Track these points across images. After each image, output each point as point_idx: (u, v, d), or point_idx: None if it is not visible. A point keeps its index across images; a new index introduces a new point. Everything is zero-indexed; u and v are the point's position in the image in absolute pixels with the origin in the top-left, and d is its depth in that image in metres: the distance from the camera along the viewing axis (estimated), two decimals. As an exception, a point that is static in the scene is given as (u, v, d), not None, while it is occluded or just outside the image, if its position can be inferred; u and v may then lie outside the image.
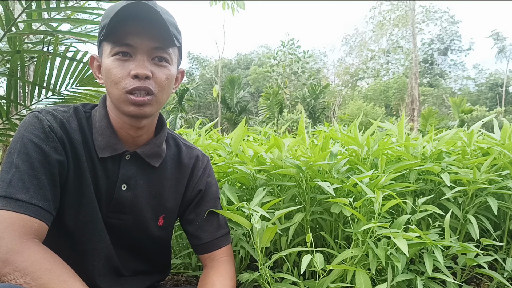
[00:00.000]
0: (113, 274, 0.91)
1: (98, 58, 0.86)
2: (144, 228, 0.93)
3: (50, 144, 0.78)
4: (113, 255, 0.89)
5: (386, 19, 29.73)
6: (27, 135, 0.77)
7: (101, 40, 0.81)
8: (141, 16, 0.77)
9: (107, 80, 0.81)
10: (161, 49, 0.81)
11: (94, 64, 0.88)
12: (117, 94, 0.80)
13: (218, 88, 17.55)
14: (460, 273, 1.20)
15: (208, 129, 1.92)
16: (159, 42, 0.80)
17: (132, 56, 0.79)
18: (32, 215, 0.72)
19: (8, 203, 0.71)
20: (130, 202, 0.89)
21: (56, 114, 0.82)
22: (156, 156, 0.92)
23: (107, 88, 0.82)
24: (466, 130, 1.75)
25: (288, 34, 21.09)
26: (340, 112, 24.86)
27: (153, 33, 0.79)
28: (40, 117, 0.80)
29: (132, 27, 0.78)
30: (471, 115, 15.84)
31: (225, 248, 0.98)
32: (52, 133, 0.79)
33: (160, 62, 0.82)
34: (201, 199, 0.99)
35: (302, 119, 1.36)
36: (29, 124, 0.79)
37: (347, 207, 1.01)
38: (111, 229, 0.88)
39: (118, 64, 0.79)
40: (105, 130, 0.85)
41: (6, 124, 1.93)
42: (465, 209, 1.22)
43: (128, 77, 0.78)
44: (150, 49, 0.79)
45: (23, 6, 1.57)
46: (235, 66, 39.23)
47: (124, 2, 0.76)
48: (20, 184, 0.73)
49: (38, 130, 0.78)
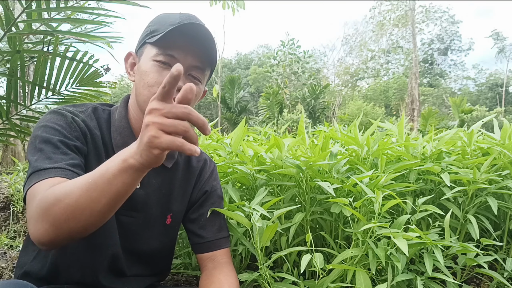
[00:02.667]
0: (116, 273, 0.91)
1: (136, 57, 0.89)
2: (153, 226, 0.94)
3: (73, 134, 0.80)
4: (119, 255, 0.90)
5: (386, 19, 29.74)
6: (49, 124, 0.79)
7: (145, 42, 0.84)
8: (193, 35, 0.82)
9: (141, 81, 0.83)
10: (199, 69, 0.85)
11: (129, 61, 0.90)
12: (147, 96, 0.82)
13: (218, 88, 17.54)
14: (460, 273, 1.20)
15: (208, 129, 1.92)
16: (200, 62, 0.85)
17: (171, 66, 0.82)
18: (61, 175, 0.72)
19: (38, 175, 0.71)
20: (142, 200, 0.91)
21: (76, 112, 0.85)
22: (169, 157, 0.94)
23: (138, 88, 0.84)
24: (466, 130, 1.75)
25: (288, 34, 21.04)
26: (340, 112, 24.86)
27: (198, 52, 0.84)
28: (62, 112, 0.82)
29: (181, 42, 0.82)
30: (471, 115, 15.83)
31: (226, 250, 0.99)
32: (75, 124, 0.81)
33: (194, 79, 0.86)
34: (205, 200, 1.01)
35: (302, 119, 1.36)
36: (51, 117, 0.81)
37: (347, 207, 1.01)
38: (121, 228, 0.89)
39: (156, 69, 0.82)
40: (124, 130, 0.88)
41: (6, 124, 1.93)
42: (465, 209, 1.22)
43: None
44: (190, 65, 0.84)
45: (23, 6, 1.56)
46: (235, 66, 39.24)
47: (179, 17, 0.82)
48: (47, 161, 0.73)
49: (61, 121, 0.80)
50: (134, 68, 0.88)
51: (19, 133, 1.94)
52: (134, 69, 0.89)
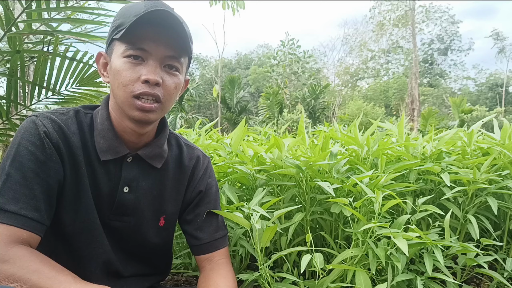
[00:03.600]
0: (112, 277, 0.90)
1: (106, 56, 0.84)
2: (146, 229, 0.92)
3: (46, 151, 0.77)
4: (112, 259, 0.88)
5: (386, 19, 29.73)
6: (23, 142, 0.76)
7: (113, 39, 0.80)
8: (162, 23, 0.77)
9: (115, 81, 0.79)
10: (174, 58, 0.81)
11: (100, 61, 0.86)
12: (124, 96, 0.79)
13: (218, 88, 17.53)
14: (460, 273, 1.20)
15: (208, 129, 1.92)
16: (174, 51, 0.80)
17: (144, 61, 0.78)
18: (21, 227, 0.71)
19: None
20: (132, 204, 0.89)
21: (54, 118, 0.80)
22: (158, 157, 0.91)
23: (113, 89, 0.81)
24: (466, 130, 1.75)
25: (288, 34, 21.04)
26: (340, 112, 24.86)
27: (170, 41, 0.79)
28: (36, 122, 0.78)
29: (150, 32, 0.77)
30: (471, 115, 15.83)
31: (223, 250, 0.97)
32: (47, 139, 0.77)
33: (171, 70, 0.82)
34: (200, 200, 0.98)
35: (302, 119, 1.36)
36: (26, 130, 0.77)
37: (347, 207, 1.01)
38: (113, 232, 0.88)
39: (129, 66, 0.78)
40: (107, 133, 0.84)
41: (6, 124, 1.93)
42: (465, 209, 1.22)
43: (138, 81, 0.78)
44: (164, 56, 0.79)
45: (23, 6, 1.56)
46: (235, 66, 39.23)
47: (144, 6, 0.75)
48: (10, 194, 0.72)
49: (34, 136, 0.77)
50: (107, 68, 0.84)
51: (19, 133, 1.93)
52: (107, 69, 0.85)
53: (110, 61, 0.82)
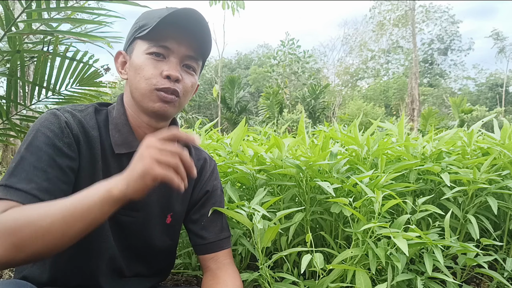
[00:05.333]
0: (116, 275, 0.91)
1: (126, 55, 0.88)
2: (153, 226, 0.93)
3: (64, 140, 0.78)
4: (117, 256, 0.89)
5: (386, 19, 29.74)
6: (41, 129, 0.77)
7: (135, 38, 0.84)
8: (187, 24, 0.81)
9: (136, 76, 0.82)
10: (193, 58, 0.86)
11: (119, 59, 0.89)
12: (145, 89, 0.81)
13: (218, 88, 17.53)
14: (460, 273, 1.20)
15: (208, 129, 1.93)
16: (194, 52, 0.85)
17: (165, 58, 0.82)
18: (28, 202, 0.69)
19: (8, 192, 0.69)
20: (142, 199, 0.89)
21: (74, 112, 0.83)
22: None
23: (133, 83, 0.84)
24: (466, 130, 1.75)
25: (288, 34, 21.03)
26: (340, 112, 24.87)
27: (192, 42, 0.84)
28: (57, 114, 0.80)
29: (173, 32, 0.81)
30: (471, 115, 15.83)
31: (228, 250, 0.98)
32: (68, 129, 0.79)
33: (188, 69, 0.86)
34: (207, 200, 1.00)
35: (302, 119, 1.36)
36: (46, 119, 0.79)
37: (347, 207, 1.01)
38: (121, 228, 0.89)
39: (151, 62, 0.81)
40: (123, 127, 0.87)
41: (6, 124, 1.93)
42: (465, 209, 1.22)
43: (159, 76, 0.81)
44: (184, 55, 0.84)
45: (23, 6, 1.57)
46: (235, 66, 39.24)
47: (167, 10, 0.80)
48: (23, 175, 0.72)
49: (54, 125, 0.78)
50: (125, 66, 0.88)
51: (19, 133, 1.94)
52: (125, 67, 0.88)
53: (130, 59, 0.86)
